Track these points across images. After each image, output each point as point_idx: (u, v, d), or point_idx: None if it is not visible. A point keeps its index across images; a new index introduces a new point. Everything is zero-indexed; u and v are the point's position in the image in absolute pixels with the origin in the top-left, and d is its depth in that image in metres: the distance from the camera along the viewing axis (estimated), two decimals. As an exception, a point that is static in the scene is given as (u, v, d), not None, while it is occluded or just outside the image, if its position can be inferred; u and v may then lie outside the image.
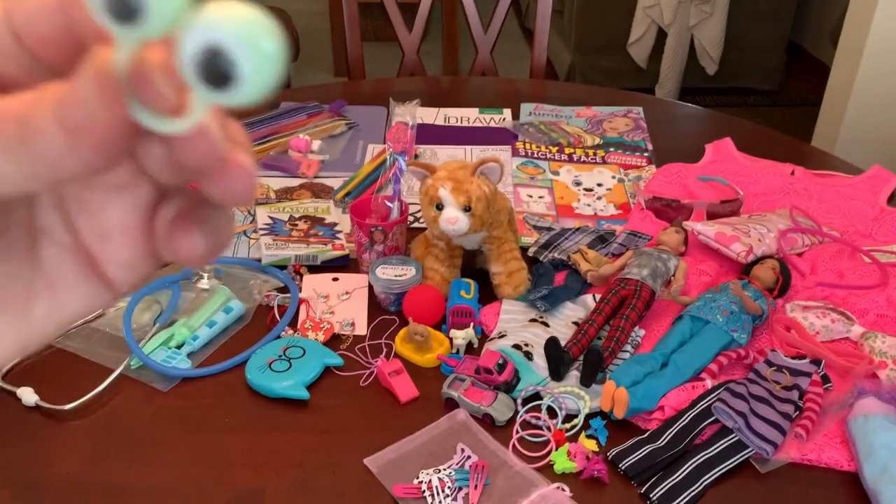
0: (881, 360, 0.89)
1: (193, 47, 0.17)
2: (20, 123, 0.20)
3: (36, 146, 0.20)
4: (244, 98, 0.18)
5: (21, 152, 0.20)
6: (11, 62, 0.22)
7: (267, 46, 0.18)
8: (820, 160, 1.40)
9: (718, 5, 3.38)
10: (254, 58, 0.18)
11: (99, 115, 0.19)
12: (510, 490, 0.76)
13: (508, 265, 1.01)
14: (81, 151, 0.20)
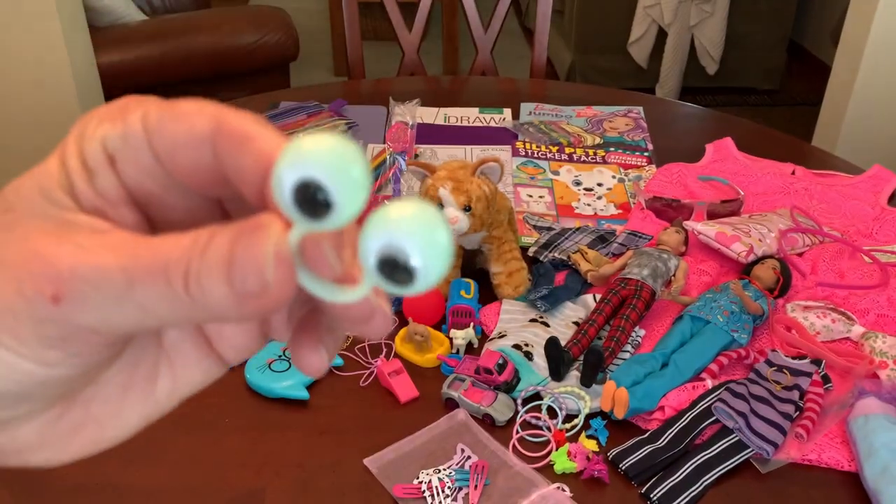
0: (882, 360, 0.89)
1: (376, 246, 0.19)
2: (187, 278, 0.20)
3: (201, 301, 0.20)
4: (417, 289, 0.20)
5: (184, 303, 0.21)
6: (150, 180, 0.22)
7: (441, 240, 0.19)
8: (820, 160, 1.40)
9: (719, 5, 3.38)
10: (429, 254, 0.19)
11: (273, 287, 0.20)
12: (510, 490, 0.76)
13: (508, 265, 1.00)
14: (246, 311, 0.21)
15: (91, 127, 0.23)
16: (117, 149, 0.23)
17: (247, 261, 0.20)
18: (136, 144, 0.23)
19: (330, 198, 0.19)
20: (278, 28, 2.70)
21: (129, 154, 0.23)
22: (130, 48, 2.48)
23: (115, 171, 0.23)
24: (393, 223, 0.19)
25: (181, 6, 3.07)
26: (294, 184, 0.19)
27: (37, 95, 2.11)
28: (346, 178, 0.18)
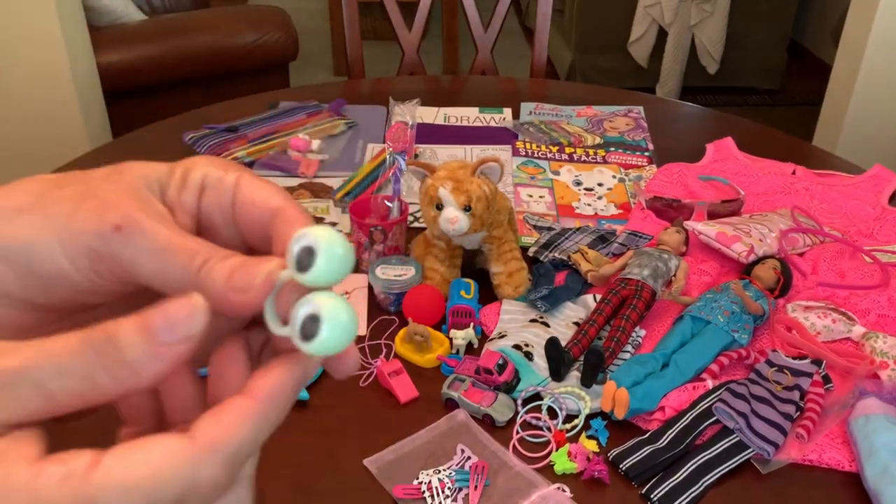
0: (882, 361, 0.89)
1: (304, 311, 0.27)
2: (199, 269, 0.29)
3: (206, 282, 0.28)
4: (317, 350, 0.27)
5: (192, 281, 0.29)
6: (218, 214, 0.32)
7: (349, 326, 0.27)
8: (821, 159, 1.40)
9: (719, 4, 3.37)
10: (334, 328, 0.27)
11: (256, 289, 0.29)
12: (510, 491, 0.75)
13: (508, 265, 1.00)
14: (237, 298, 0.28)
15: (202, 163, 0.33)
16: (211, 184, 0.32)
17: (251, 269, 0.28)
18: (225, 189, 0.32)
19: (315, 259, 0.27)
20: (278, 28, 2.70)
21: (217, 192, 0.32)
22: (130, 48, 2.48)
23: (199, 195, 0.32)
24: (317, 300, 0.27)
25: (181, 6, 3.07)
26: (302, 246, 0.27)
27: (37, 95, 2.11)
28: (331, 251, 0.27)
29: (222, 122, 1.42)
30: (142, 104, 2.55)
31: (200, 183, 0.32)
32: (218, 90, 2.62)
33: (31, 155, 2.15)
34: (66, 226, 0.28)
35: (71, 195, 0.30)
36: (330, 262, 0.27)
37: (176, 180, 0.32)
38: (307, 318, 0.27)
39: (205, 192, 0.32)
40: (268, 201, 0.32)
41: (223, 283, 0.28)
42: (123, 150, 1.41)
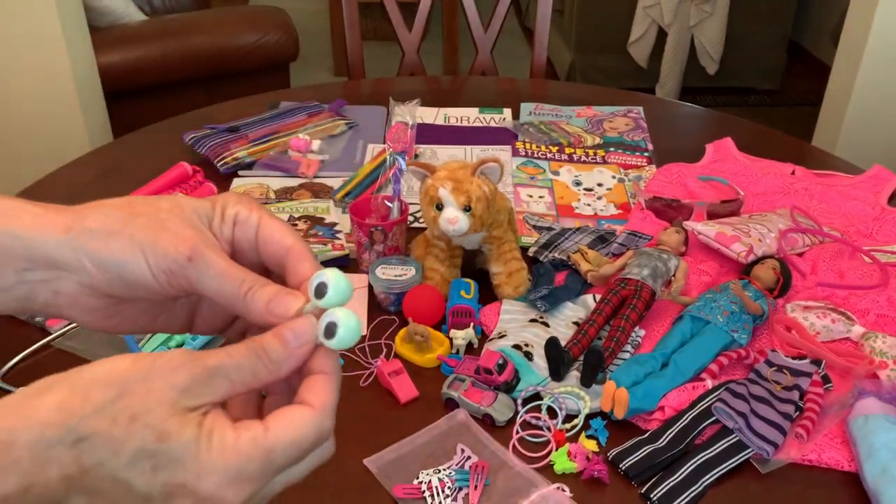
0: (882, 361, 0.89)
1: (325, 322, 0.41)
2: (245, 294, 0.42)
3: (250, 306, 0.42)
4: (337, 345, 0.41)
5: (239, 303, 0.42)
6: (245, 242, 0.45)
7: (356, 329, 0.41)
8: (820, 160, 1.40)
9: (719, 5, 3.38)
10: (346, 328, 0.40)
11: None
12: (510, 490, 0.76)
13: (508, 265, 1.00)
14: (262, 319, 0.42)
15: (232, 201, 0.45)
16: (241, 220, 0.44)
17: (283, 300, 0.41)
18: (250, 226, 0.44)
19: (328, 291, 0.40)
20: (278, 28, 2.70)
21: (244, 227, 0.44)
22: (130, 48, 2.49)
23: (233, 228, 0.44)
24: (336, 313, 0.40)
25: (181, 6, 3.07)
26: (319, 281, 0.41)
27: (38, 95, 2.11)
28: (338, 285, 0.40)
29: (223, 123, 1.42)
30: (142, 104, 2.55)
31: (234, 219, 0.45)
32: (219, 90, 2.62)
33: (31, 155, 2.15)
34: (152, 250, 0.41)
35: (149, 225, 0.42)
36: (338, 292, 0.41)
37: (217, 215, 0.44)
38: (329, 323, 0.40)
39: (236, 226, 0.45)
40: (282, 240, 0.44)
41: (263, 307, 0.41)
42: (124, 150, 1.41)
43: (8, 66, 2.06)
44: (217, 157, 1.32)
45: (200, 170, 1.27)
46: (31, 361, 0.91)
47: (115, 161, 1.37)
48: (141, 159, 1.36)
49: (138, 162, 1.35)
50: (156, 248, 0.41)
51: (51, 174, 1.31)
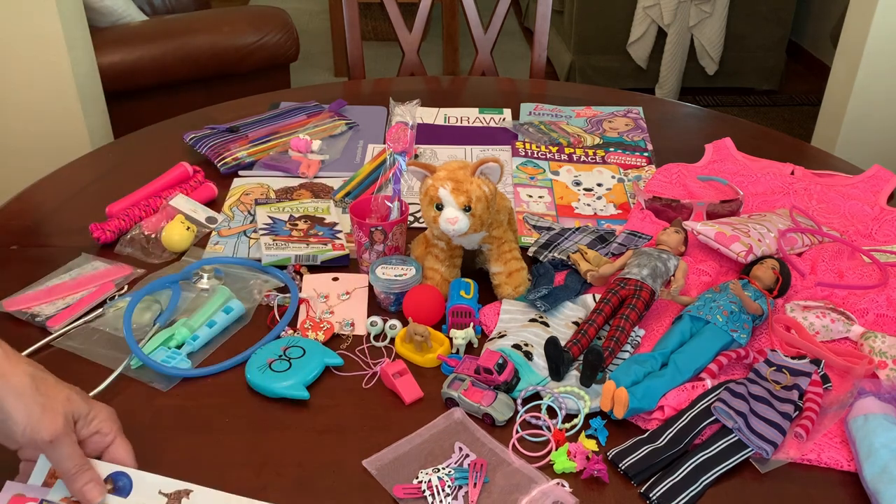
0: (881, 360, 0.89)
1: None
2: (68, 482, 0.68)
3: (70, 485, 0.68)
4: None
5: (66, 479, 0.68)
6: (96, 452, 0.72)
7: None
8: (820, 160, 1.40)
9: (718, 5, 3.38)
10: None
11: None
12: (510, 487, 0.76)
13: (508, 265, 1.01)
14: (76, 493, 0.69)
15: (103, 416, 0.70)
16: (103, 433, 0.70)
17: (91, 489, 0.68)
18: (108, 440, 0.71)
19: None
20: (278, 28, 2.70)
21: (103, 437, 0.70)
22: (131, 48, 2.49)
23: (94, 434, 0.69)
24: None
25: (181, 6, 3.08)
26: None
27: (38, 95, 2.11)
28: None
29: (223, 123, 1.42)
30: (143, 104, 2.55)
31: (96, 430, 0.68)
32: (219, 90, 2.62)
33: (32, 155, 2.15)
34: (32, 423, 0.63)
35: (43, 404, 0.64)
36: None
37: (86, 419, 0.67)
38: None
39: (97, 434, 0.68)
40: (127, 459, 0.70)
41: (80, 486, 0.65)
42: (124, 150, 1.42)
43: (8, 66, 2.06)
44: (217, 157, 1.32)
45: (200, 170, 1.27)
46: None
47: (115, 161, 1.37)
48: (141, 159, 1.36)
49: (138, 162, 1.35)
50: (36, 424, 0.63)
51: (51, 174, 1.31)
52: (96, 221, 1.13)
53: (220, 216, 1.19)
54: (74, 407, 0.66)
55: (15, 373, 0.64)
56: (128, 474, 0.69)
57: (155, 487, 0.69)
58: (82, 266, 1.06)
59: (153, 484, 0.69)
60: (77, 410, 0.66)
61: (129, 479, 0.69)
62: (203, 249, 1.12)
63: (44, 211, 1.22)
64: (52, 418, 0.64)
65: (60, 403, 0.65)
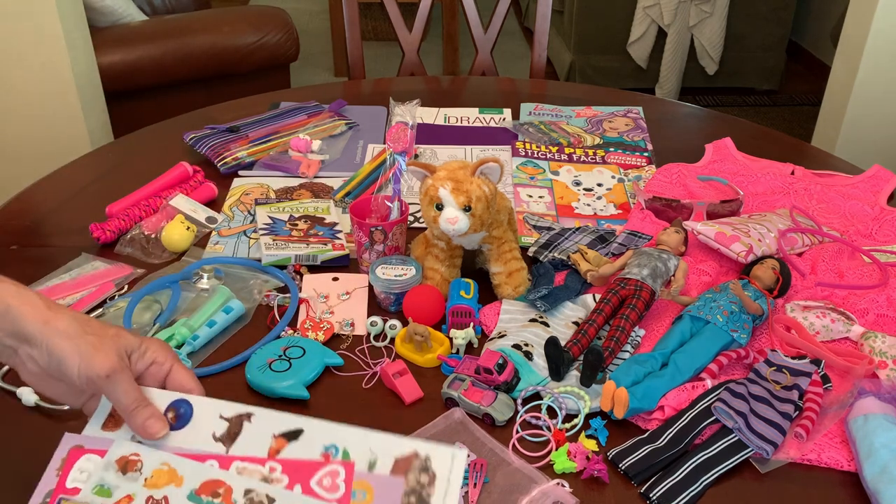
0: (881, 360, 0.89)
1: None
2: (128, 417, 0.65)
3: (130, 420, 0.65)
4: None
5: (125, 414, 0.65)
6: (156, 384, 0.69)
7: None
8: (820, 160, 1.40)
9: (718, 5, 3.38)
10: None
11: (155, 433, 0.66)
12: (510, 487, 0.76)
13: (508, 265, 1.01)
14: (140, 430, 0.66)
15: (154, 347, 0.67)
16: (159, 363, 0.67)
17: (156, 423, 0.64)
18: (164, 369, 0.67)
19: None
20: (278, 28, 2.70)
21: (158, 368, 0.67)
22: (131, 48, 2.49)
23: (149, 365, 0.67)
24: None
25: (181, 6, 3.08)
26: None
27: (38, 95, 2.11)
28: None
29: (223, 123, 1.42)
30: (143, 104, 2.55)
31: (152, 360, 0.66)
32: (219, 90, 2.62)
33: (32, 155, 2.16)
34: (86, 362, 0.62)
35: (93, 342, 0.63)
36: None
37: (139, 351, 0.66)
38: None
39: (153, 365, 0.66)
40: (185, 385, 0.67)
41: (140, 423, 0.63)
42: (124, 150, 1.42)
43: (8, 66, 2.06)
44: (217, 157, 1.32)
45: (200, 170, 1.27)
46: (32, 361, 0.91)
47: (115, 161, 1.37)
48: (141, 159, 1.36)
49: (138, 162, 1.35)
50: (90, 361, 0.62)
51: (51, 174, 1.31)
52: (96, 221, 1.13)
53: (220, 216, 1.19)
54: (125, 342, 0.64)
55: (59, 317, 0.63)
56: (188, 401, 0.66)
57: (216, 412, 0.65)
58: (82, 266, 1.06)
59: (214, 409, 0.65)
60: (129, 345, 0.65)
61: (189, 405, 0.65)
62: (203, 249, 1.12)
63: (44, 211, 1.22)
64: (106, 354, 0.62)
65: (111, 339, 0.63)
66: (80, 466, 0.63)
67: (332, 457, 0.61)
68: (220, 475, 0.61)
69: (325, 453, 0.62)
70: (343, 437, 0.62)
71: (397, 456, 0.60)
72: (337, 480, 0.59)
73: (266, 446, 0.63)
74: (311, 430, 0.63)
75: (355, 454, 0.61)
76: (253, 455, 0.62)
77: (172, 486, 0.61)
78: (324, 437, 0.62)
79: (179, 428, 0.64)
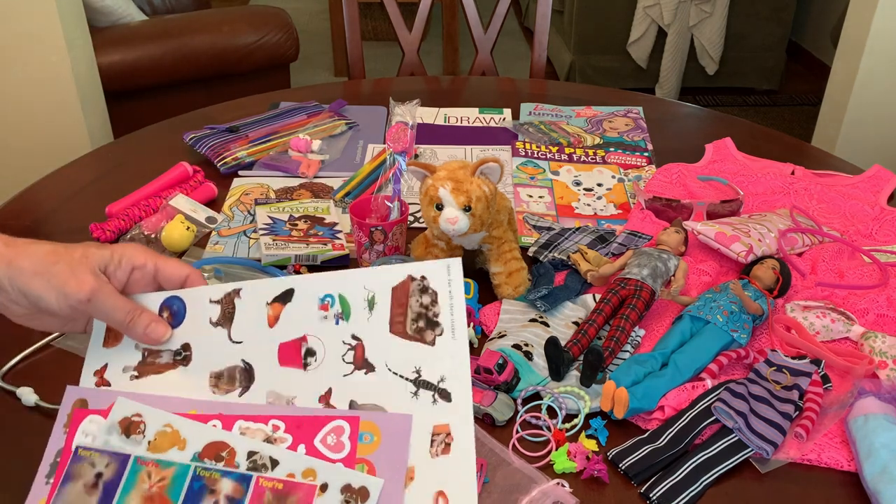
0: (881, 360, 0.89)
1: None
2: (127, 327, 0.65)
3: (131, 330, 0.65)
4: None
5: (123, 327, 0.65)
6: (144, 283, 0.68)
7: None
8: (820, 160, 1.40)
9: (718, 5, 3.38)
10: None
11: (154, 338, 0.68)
12: (510, 487, 0.76)
13: (508, 265, 1.01)
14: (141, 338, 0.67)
15: (129, 252, 0.64)
16: (140, 266, 0.65)
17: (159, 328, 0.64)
18: (148, 270, 0.65)
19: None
20: (278, 28, 2.70)
21: (142, 272, 0.65)
22: (131, 48, 2.49)
23: (129, 273, 0.65)
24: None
25: (181, 6, 3.08)
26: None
27: (38, 95, 2.11)
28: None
29: (223, 123, 1.42)
30: (143, 104, 2.55)
31: (131, 266, 0.64)
32: (219, 90, 2.62)
33: (32, 155, 2.16)
34: (61, 291, 0.60)
35: (63, 271, 0.60)
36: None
37: (114, 262, 0.63)
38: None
39: (135, 271, 0.64)
40: (180, 272, 0.65)
41: (142, 331, 0.63)
42: (124, 150, 1.42)
43: (8, 66, 2.06)
44: (217, 157, 1.32)
45: (200, 170, 1.27)
46: (31, 361, 0.91)
47: (115, 161, 1.37)
48: (141, 159, 1.36)
49: (138, 162, 1.35)
50: (64, 290, 0.60)
51: (51, 174, 1.31)
52: (96, 221, 1.13)
53: (220, 216, 1.19)
54: (97, 258, 0.62)
55: (22, 255, 0.61)
56: (178, 296, 0.65)
57: (206, 298, 0.65)
58: (82, 266, 1.06)
59: (203, 295, 0.65)
60: (101, 260, 0.62)
61: (180, 300, 0.65)
62: (203, 249, 1.12)
63: (44, 211, 1.22)
64: (79, 278, 0.60)
65: (80, 261, 0.61)
66: (84, 429, 0.62)
67: (331, 306, 0.61)
68: (223, 436, 0.60)
69: (322, 305, 0.61)
70: (335, 283, 0.62)
71: (393, 285, 0.60)
72: (342, 438, 0.58)
73: (264, 316, 0.62)
74: (301, 286, 0.63)
75: (352, 297, 0.61)
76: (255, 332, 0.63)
77: (176, 450, 0.60)
78: (317, 290, 0.62)
79: (177, 325, 0.64)
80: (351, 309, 0.60)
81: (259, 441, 0.59)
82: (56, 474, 0.60)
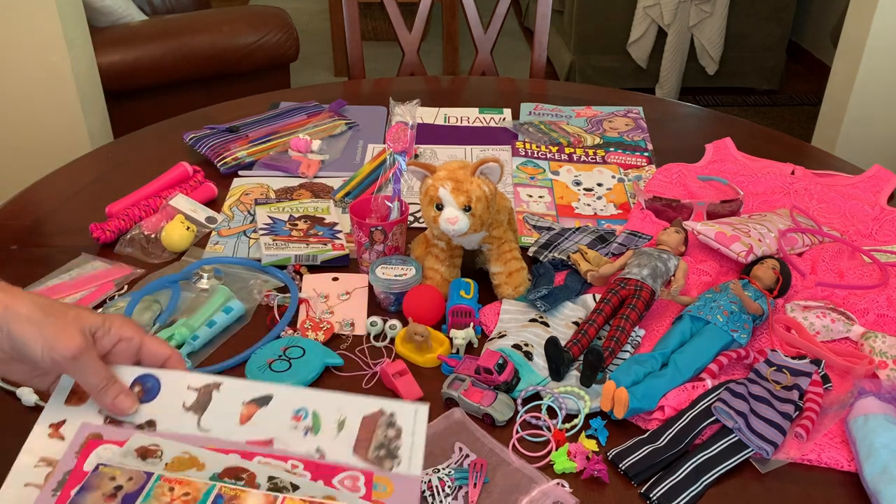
0: (881, 360, 0.89)
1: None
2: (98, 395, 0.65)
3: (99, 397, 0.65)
4: None
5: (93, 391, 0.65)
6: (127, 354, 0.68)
7: None
8: (820, 160, 1.40)
9: (718, 5, 3.38)
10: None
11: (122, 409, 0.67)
12: (510, 487, 0.76)
13: (508, 265, 1.01)
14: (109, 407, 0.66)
15: (118, 323, 0.66)
16: (126, 339, 0.66)
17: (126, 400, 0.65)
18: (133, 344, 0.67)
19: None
20: (278, 28, 2.70)
21: (128, 344, 0.66)
22: (130, 48, 2.49)
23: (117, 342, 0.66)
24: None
25: (181, 6, 3.08)
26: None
27: (38, 95, 2.11)
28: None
29: (223, 123, 1.42)
30: (143, 104, 2.55)
31: (118, 337, 0.65)
32: (219, 90, 2.62)
33: (32, 155, 2.15)
34: (51, 343, 0.61)
35: (56, 324, 0.62)
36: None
37: (104, 329, 0.65)
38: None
39: (121, 342, 0.66)
40: (161, 353, 0.67)
41: (111, 400, 0.64)
42: (124, 150, 1.41)
43: (8, 66, 2.06)
44: (217, 157, 1.32)
45: (200, 170, 1.27)
46: (32, 361, 0.91)
47: (115, 161, 1.37)
48: (141, 159, 1.36)
49: (138, 162, 1.35)
50: (54, 343, 0.61)
51: (51, 174, 1.31)
52: (96, 221, 1.13)
53: (219, 216, 1.19)
54: (89, 321, 0.64)
55: (19, 302, 0.62)
56: (154, 375, 0.66)
57: (184, 383, 0.66)
58: (82, 266, 1.06)
59: (182, 380, 0.66)
60: (92, 324, 0.64)
61: (156, 379, 0.66)
62: (203, 249, 1.12)
63: (44, 211, 1.22)
64: (70, 335, 0.62)
65: (73, 320, 0.63)
66: (98, 454, 0.63)
67: (303, 419, 0.63)
68: (242, 464, 0.61)
69: (296, 416, 0.63)
70: (312, 399, 0.64)
71: (365, 414, 0.63)
72: (358, 484, 0.60)
73: (237, 413, 0.64)
74: (280, 395, 0.65)
75: (325, 415, 0.63)
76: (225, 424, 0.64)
77: (194, 471, 0.60)
78: (293, 402, 0.64)
79: (148, 401, 0.65)
80: (322, 425, 0.63)
81: (279, 470, 0.60)
82: (63, 490, 0.60)
